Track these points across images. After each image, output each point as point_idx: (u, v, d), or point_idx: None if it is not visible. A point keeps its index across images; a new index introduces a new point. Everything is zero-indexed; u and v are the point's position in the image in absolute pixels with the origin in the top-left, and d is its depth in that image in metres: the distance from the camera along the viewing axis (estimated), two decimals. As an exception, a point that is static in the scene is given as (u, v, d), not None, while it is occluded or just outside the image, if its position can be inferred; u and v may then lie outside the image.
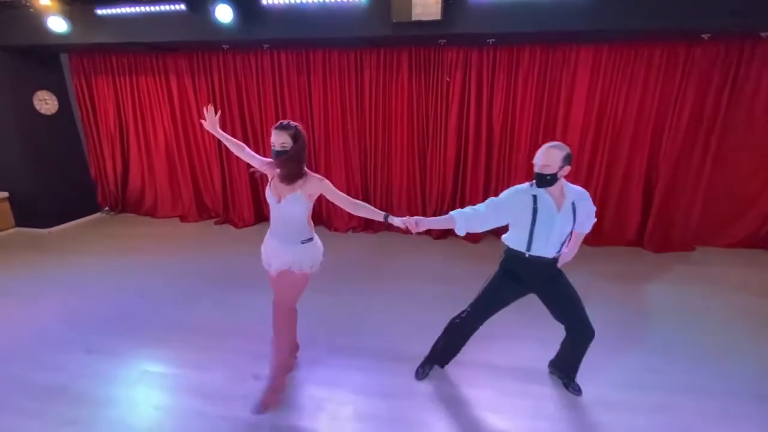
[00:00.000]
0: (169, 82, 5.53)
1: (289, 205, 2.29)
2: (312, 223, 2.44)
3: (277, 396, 2.49)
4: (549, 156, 2.09)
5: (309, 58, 5.08)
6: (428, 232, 5.41)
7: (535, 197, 2.17)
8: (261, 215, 5.95)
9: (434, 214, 5.33)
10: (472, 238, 5.15)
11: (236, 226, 5.81)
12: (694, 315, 3.46)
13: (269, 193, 2.33)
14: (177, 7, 4.16)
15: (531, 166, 4.71)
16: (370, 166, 5.38)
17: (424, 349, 2.74)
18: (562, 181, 2.17)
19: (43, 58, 5.36)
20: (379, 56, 4.90)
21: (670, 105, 4.52)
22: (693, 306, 3.61)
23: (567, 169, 2.12)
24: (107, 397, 2.54)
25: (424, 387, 2.61)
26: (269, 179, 2.38)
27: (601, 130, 4.76)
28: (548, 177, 2.10)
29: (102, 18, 4.37)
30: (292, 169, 2.28)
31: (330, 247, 2.65)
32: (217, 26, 4.13)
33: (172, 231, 5.70)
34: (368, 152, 5.33)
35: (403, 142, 5.19)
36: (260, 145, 5.53)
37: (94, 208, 6.31)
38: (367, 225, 5.61)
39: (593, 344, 2.36)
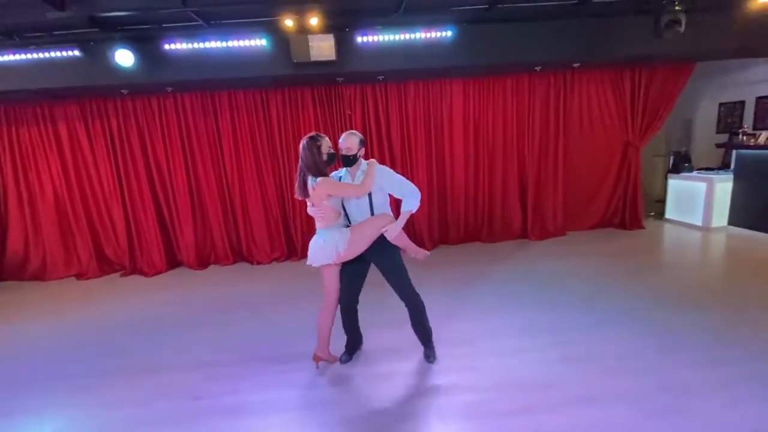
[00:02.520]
0: (57, 130, 5.22)
1: None
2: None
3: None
4: (349, 141, 2.62)
5: (215, 100, 5.29)
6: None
7: (340, 177, 2.71)
8: (174, 260, 5.71)
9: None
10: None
11: (146, 274, 5.48)
12: (570, 277, 4.32)
13: None
14: (69, 53, 4.14)
15: (429, 180, 5.44)
16: (288, 197, 5.62)
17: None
18: (361, 161, 2.67)
19: None
20: (284, 95, 5.34)
21: (525, 122, 5.71)
22: (568, 272, 4.50)
23: (362, 150, 2.67)
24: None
25: (354, 370, 2.88)
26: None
27: (479, 147, 5.76)
28: (351, 157, 2.63)
29: (-23, 66, 4.12)
30: None
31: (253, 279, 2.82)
32: (115, 70, 4.18)
33: (68, 290, 5.15)
34: (284, 185, 5.59)
35: (316, 171, 5.57)
36: (168, 188, 5.46)
37: (-40, 281, 5.41)
38: (291, 254, 5.76)
39: (502, 309, 2.87)
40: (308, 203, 2.68)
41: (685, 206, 6.08)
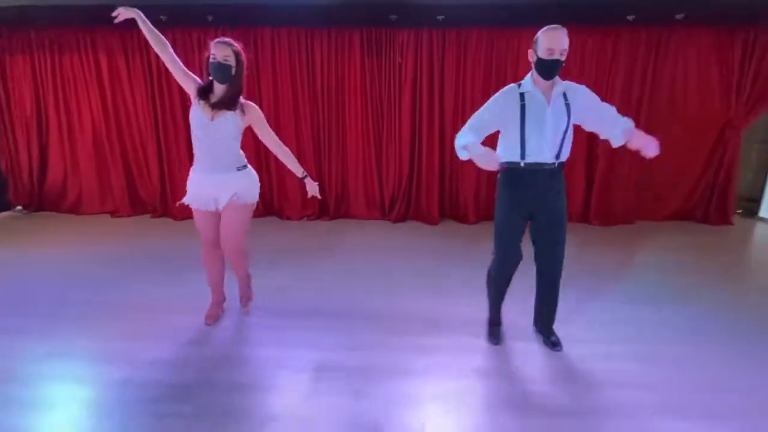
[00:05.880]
0: (98, 60, 5.03)
1: (225, 124, 2.11)
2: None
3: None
4: (564, 39, 1.96)
5: (257, 37, 4.88)
6: (387, 215, 5.30)
7: (522, 95, 2.04)
8: (205, 207, 5.48)
9: (392, 196, 5.24)
10: (429, 220, 5.13)
11: (176, 218, 5.30)
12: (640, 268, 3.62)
13: (199, 113, 2.12)
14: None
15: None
16: (324, 149, 5.20)
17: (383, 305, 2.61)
18: None
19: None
20: (330, 36, 4.84)
21: (602, 87, 4.83)
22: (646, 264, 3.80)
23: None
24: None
25: (376, 339, 2.42)
26: (193, 100, 2.18)
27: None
28: (563, 62, 1.98)
29: (17, -23, 3.92)
30: (235, 90, 2.12)
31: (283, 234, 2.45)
32: (154, -11, 3.85)
33: (99, 225, 5.07)
34: (321, 135, 5.16)
35: (357, 123, 5.09)
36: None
37: (3, 207, 5.49)
38: (322, 213, 5.38)
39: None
40: None
41: (790, 203, 5.06)
